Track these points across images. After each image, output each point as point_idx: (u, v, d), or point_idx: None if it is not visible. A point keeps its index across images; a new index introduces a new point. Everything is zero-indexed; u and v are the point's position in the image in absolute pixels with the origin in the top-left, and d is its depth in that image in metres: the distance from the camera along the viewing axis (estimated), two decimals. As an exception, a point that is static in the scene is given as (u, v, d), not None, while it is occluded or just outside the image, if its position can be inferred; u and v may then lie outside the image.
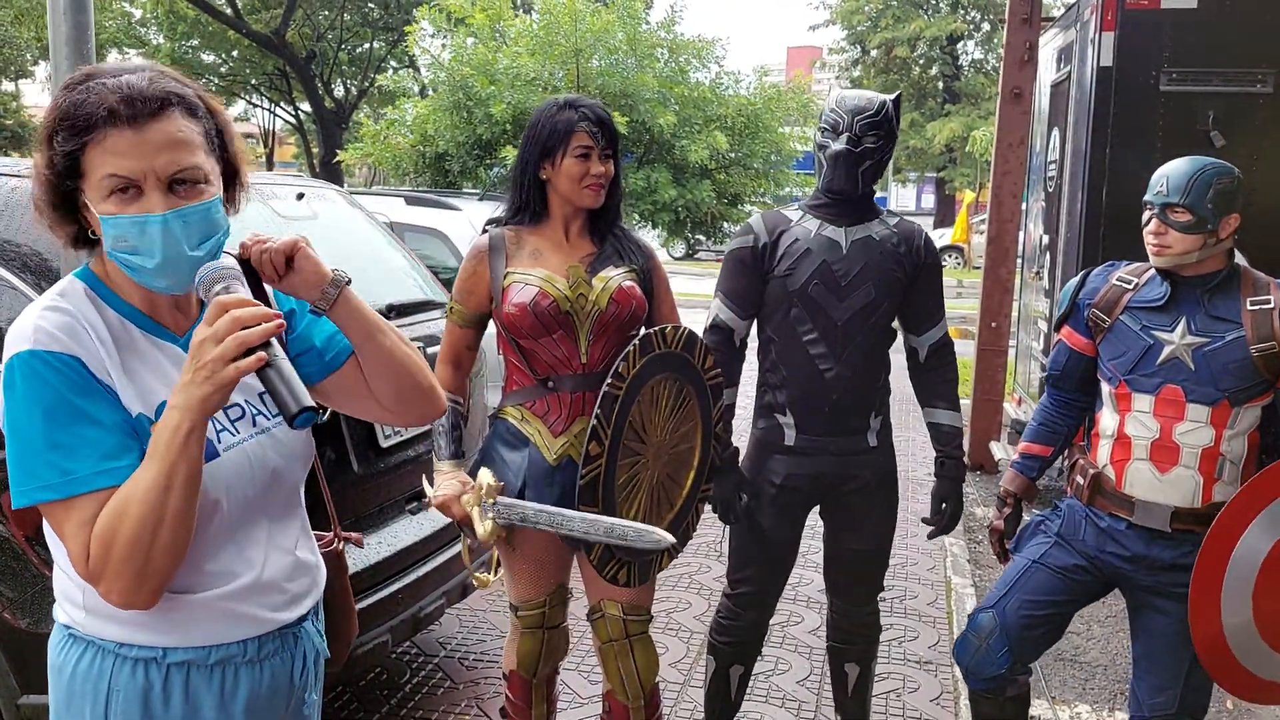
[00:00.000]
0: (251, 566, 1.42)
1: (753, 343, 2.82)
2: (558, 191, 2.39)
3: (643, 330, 2.33)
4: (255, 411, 1.44)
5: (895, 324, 2.78)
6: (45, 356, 1.26)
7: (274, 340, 1.25)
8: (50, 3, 1.85)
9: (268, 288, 1.46)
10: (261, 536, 1.44)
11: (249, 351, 1.22)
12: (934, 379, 2.80)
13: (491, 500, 2.26)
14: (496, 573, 2.52)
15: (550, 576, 2.50)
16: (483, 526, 2.26)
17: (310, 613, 1.53)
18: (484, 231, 2.47)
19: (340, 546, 1.84)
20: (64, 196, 1.31)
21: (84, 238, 1.36)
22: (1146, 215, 2.41)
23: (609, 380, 2.20)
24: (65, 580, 1.39)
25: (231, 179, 1.41)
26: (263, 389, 1.43)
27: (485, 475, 2.30)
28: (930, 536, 2.84)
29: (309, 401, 1.24)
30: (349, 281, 1.43)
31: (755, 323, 2.76)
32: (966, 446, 6.79)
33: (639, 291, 2.42)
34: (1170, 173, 2.39)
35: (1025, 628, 2.56)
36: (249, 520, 1.42)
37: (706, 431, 2.48)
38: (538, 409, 2.41)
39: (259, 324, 1.22)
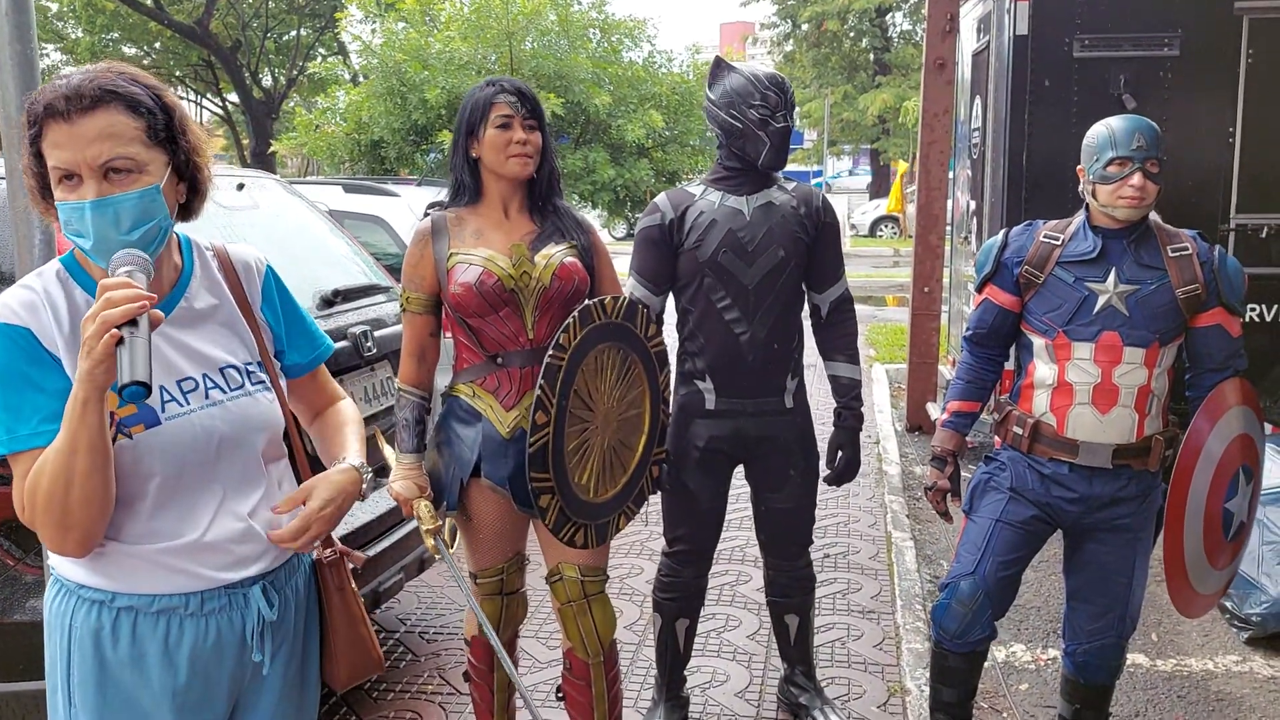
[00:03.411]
0: (196, 527, 1.52)
1: (671, 317, 2.92)
2: (488, 167, 2.45)
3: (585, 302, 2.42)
4: (211, 385, 1.54)
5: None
6: (2, 328, 1.40)
7: (140, 319, 1.32)
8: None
9: (254, 299, 1.64)
10: (213, 500, 1.54)
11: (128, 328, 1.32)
12: (835, 333, 2.95)
13: (428, 529, 2.44)
14: (454, 544, 2.61)
15: (507, 545, 2.59)
16: (428, 540, 2.46)
17: (264, 577, 1.60)
18: (425, 215, 2.53)
19: (328, 558, 1.73)
20: (47, 185, 1.43)
21: None
22: (1124, 170, 2.48)
23: (550, 352, 2.28)
24: None
25: (193, 171, 1.51)
26: (222, 364, 1.54)
27: (423, 508, 2.45)
28: (829, 482, 2.97)
29: (140, 377, 1.31)
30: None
31: (671, 297, 2.88)
32: (905, 410, 7.00)
33: (581, 267, 2.50)
34: (1139, 128, 2.51)
35: (1003, 587, 2.68)
36: (198, 484, 1.52)
37: (655, 397, 2.56)
38: (488, 385, 2.49)
39: (126, 304, 1.31)
